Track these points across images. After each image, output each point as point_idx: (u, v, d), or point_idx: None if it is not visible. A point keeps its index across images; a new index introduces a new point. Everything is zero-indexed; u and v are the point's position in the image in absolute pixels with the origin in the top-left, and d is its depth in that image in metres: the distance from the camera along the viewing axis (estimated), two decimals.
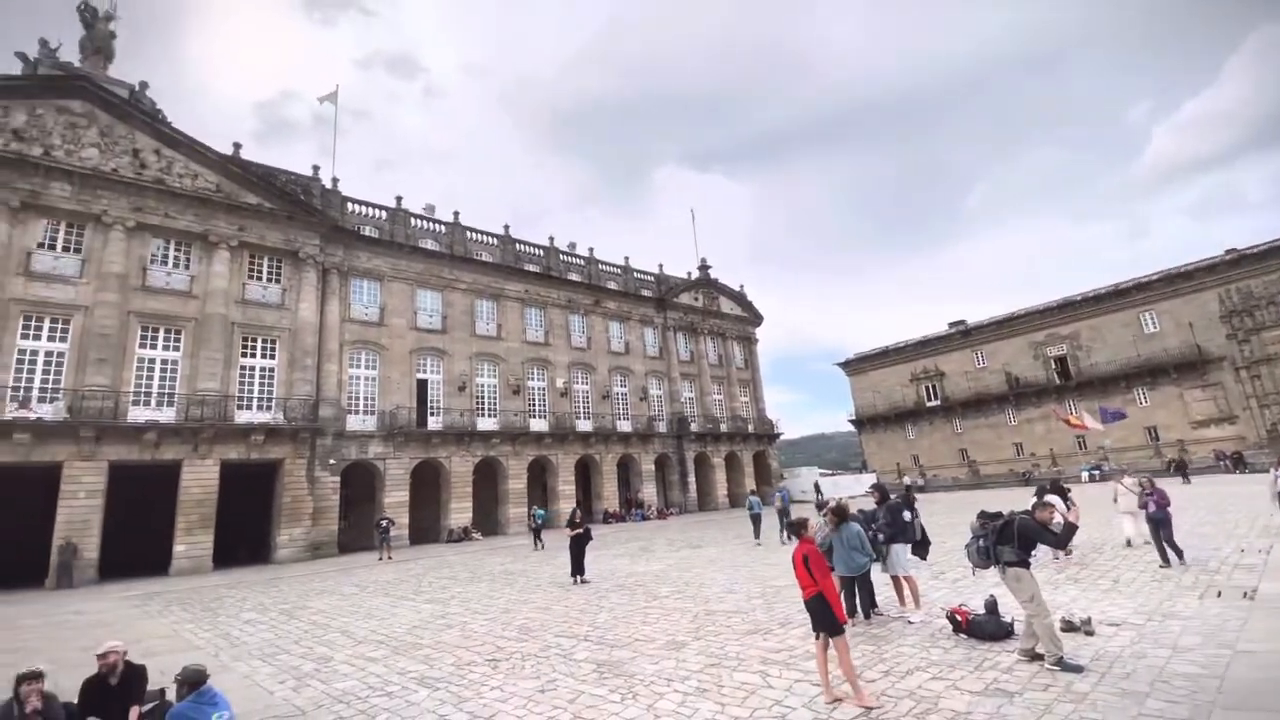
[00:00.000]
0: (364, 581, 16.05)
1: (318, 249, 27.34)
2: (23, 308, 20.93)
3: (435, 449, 29.56)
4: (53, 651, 9.39)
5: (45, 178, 21.89)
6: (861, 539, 7.87)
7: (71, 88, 23.04)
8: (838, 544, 7.78)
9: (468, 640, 8.74)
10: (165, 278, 23.72)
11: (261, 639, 9.79)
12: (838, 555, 7.77)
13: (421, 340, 30.82)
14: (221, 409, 23.26)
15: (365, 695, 6.56)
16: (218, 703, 4.65)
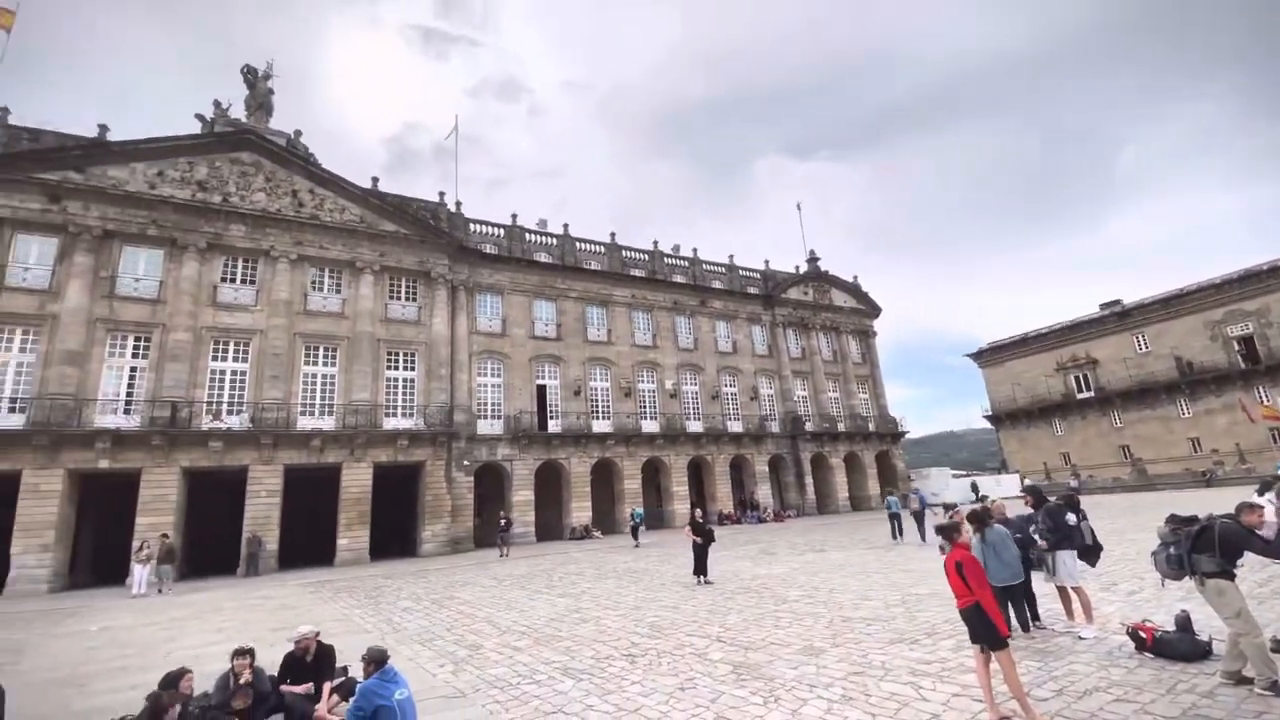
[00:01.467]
0: (500, 575, 17.11)
1: (446, 268, 29.64)
2: (213, 334, 24.53)
3: (555, 450, 30.92)
4: (250, 631, 10.88)
5: (225, 221, 25.53)
6: (1009, 543, 7.22)
7: (241, 141, 26.68)
8: (986, 552, 7.17)
9: (603, 635, 9.04)
10: (322, 302, 26.82)
11: (419, 625, 10.74)
12: (986, 564, 7.16)
13: (539, 348, 32.39)
14: (372, 417, 25.88)
15: (516, 682, 6.98)
16: (399, 681, 5.16)
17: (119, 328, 23.13)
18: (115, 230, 23.61)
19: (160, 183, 24.68)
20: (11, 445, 20.26)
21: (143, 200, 24.13)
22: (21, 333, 21.88)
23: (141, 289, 23.81)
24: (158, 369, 23.09)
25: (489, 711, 6.11)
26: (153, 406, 22.43)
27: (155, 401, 22.51)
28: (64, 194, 22.99)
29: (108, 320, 22.91)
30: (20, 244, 22.52)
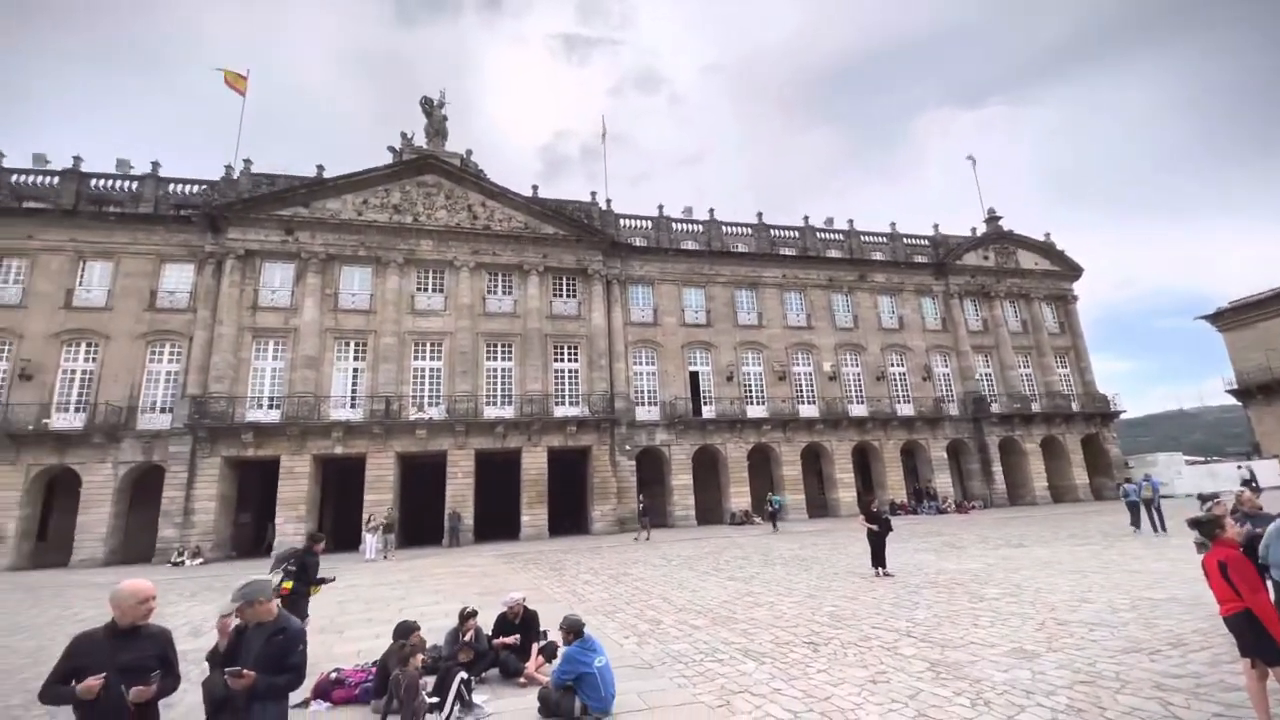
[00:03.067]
0: (669, 556, 17.67)
1: (601, 264, 31.08)
2: (413, 337, 28.14)
3: (711, 436, 31.11)
4: (461, 594, 12.36)
5: (416, 238, 29.08)
6: None
7: (424, 166, 30.12)
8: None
9: (779, 620, 8.94)
10: (497, 303, 29.58)
11: (600, 597, 11.47)
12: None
13: (690, 335, 32.72)
14: (544, 405, 28.10)
15: (698, 659, 7.16)
16: (597, 649, 5.55)
17: (343, 336, 27.49)
18: (335, 254, 28.01)
19: (365, 210, 28.79)
20: (271, 436, 25.07)
21: (353, 226, 28.34)
22: (274, 343, 26.89)
23: (357, 302, 28.04)
24: (373, 369, 27.10)
25: (676, 684, 6.33)
26: (371, 401, 26.39)
27: (373, 397, 26.47)
28: (296, 226, 27.76)
29: (334, 330, 27.34)
30: (267, 270, 27.63)
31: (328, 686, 6.12)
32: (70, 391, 24.88)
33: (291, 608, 6.51)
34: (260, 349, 26.66)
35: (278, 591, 6.72)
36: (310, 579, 7.73)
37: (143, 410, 25.17)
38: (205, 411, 24.48)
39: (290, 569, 7.54)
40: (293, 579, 7.42)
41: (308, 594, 7.71)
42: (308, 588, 7.69)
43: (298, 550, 8.12)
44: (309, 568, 7.77)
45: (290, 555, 7.90)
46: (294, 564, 7.65)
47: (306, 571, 7.70)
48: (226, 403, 25.00)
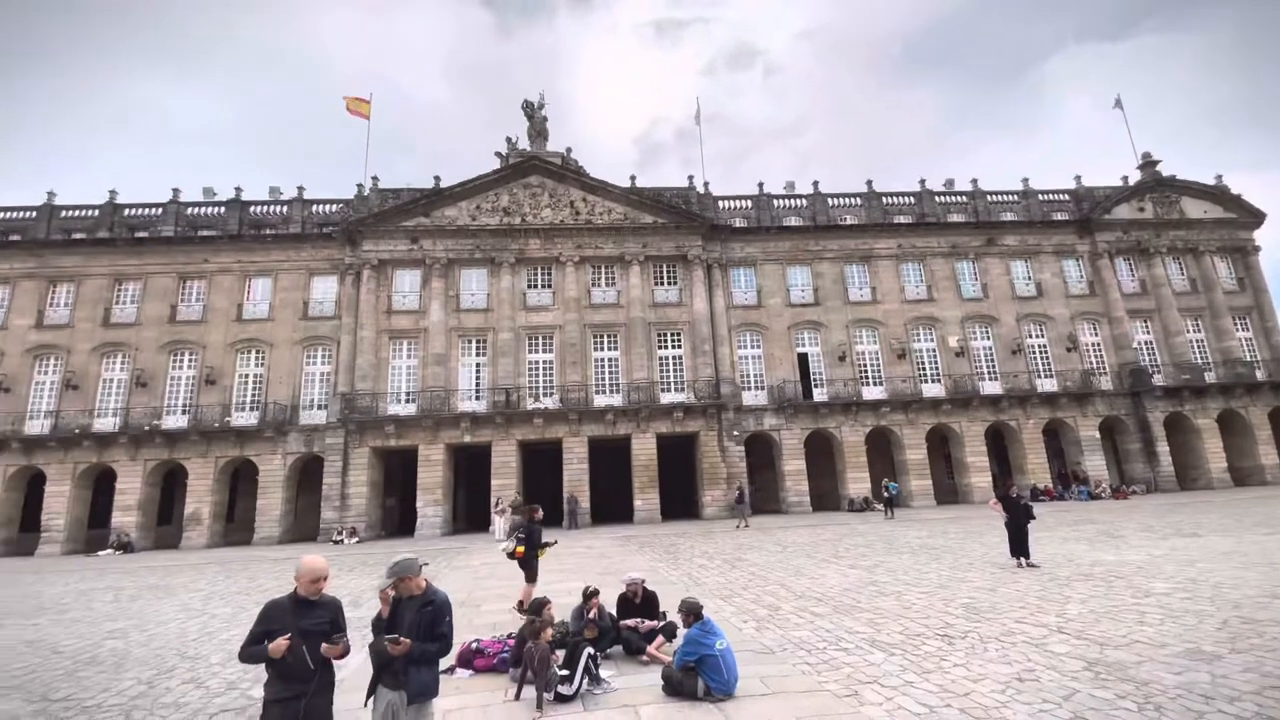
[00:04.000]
0: (785, 542, 17.37)
1: (700, 249, 30.86)
2: (526, 332, 29.62)
3: (824, 419, 30.01)
4: (582, 573, 12.91)
5: (525, 238, 30.45)
6: None
7: (529, 168, 31.39)
8: None
9: (908, 611, 8.51)
10: (602, 295, 30.37)
11: (716, 581, 11.52)
12: None
13: (797, 315, 31.65)
14: (650, 393, 28.56)
15: (822, 647, 6.99)
16: (718, 632, 5.59)
17: (465, 334, 29.51)
18: (454, 258, 30.05)
19: (479, 214, 30.59)
20: (409, 427, 27.51)
21: (469, 231, 30.22)
22: (407, 343, 29.42)
23: (475, 302, 29.95)
24: (493, 364, 28.88)
25: (800, 671, 6.23)
26: (493, 393, 28.18)
27: (494, 389, 28.24)
28: (420, 235, 30.07)
29: (458, 329, 29.42)
30: (397, 277, 30.19)
31: (469, 655, 6.67)
32: (245, 393, 28.82)
33: (524, 566, 9.48)
34: (396, 349, 29.29)
35: (512, 554, 9.56)
36: (536, 544, 9.51)
37: (303, 407, 28.62)
38: (353, 407, 27.38)
39: (520, 537, 9.62)
40: (523, 544, 9.40)
41: (536, 556, 9.49)
42: (536, 551, 9.47)
43: (524, 522, 10.13)
44: (534, 535, 9.57)
45: (520, 526, 10.11)
46: (523, 533, 9.68)
47: (532, 538, 9.50)
48: (370, 399, 27.77)
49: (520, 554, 9.38)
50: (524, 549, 9.37)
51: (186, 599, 12.73)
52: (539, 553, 9.54)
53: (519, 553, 9.39)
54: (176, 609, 11.59)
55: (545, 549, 9.74)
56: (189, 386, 28.65)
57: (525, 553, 9.36)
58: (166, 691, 6.58)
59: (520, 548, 9.40)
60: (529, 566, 9.42)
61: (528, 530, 9.62)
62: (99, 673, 7.39)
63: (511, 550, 9.59)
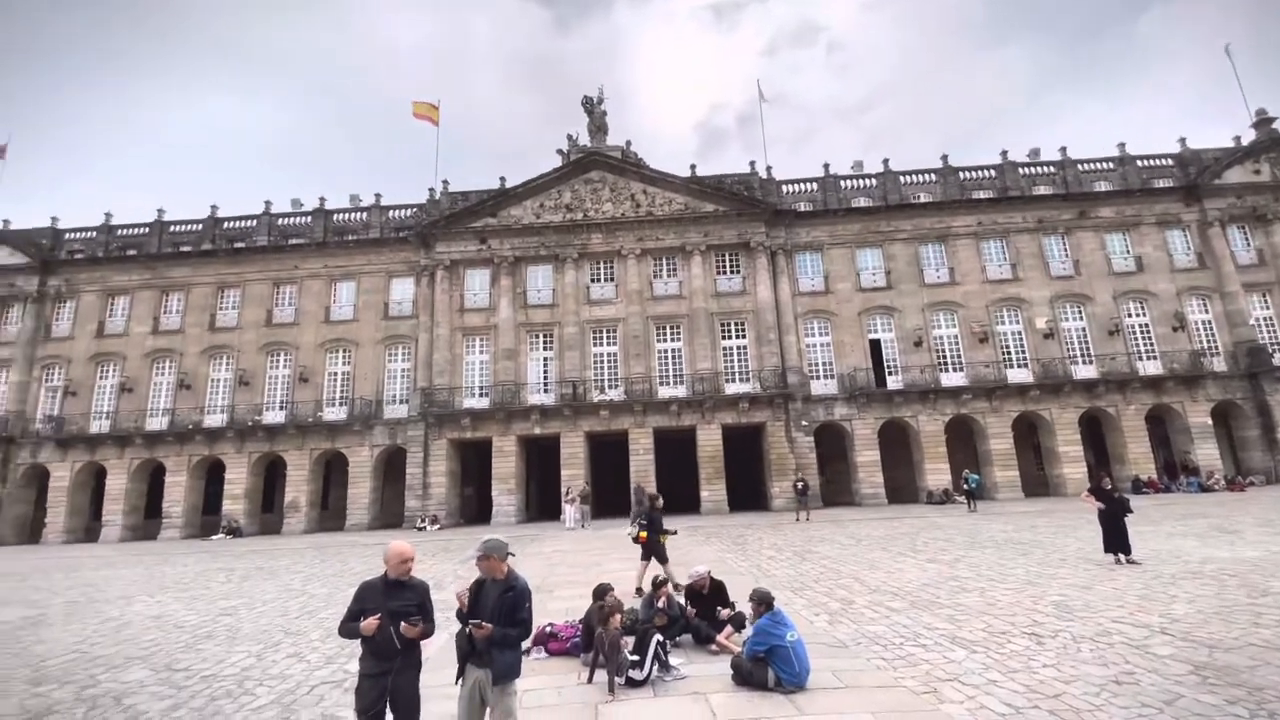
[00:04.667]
0: (859, 535, 16.90)
1: (764, 235, 30.26)
2: (590, 325, 30.07)
3: (899, 408, 28.85)
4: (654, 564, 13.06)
5: (587, 233, 30.85)
6: None
7: (589, 163, 31.73)
8: None
9: (992, 608, 8.11)
10: (664, 286, 30.38)
11: (786, 574, 11.38)
12: None
13: (868, 300, 30.51)
14: (715, 383, 28.39)
15: (899, 642, 6.79)
16: (788, 623, 5.54)
17: (532, 329, 30.32)
18: (521, 255, 30.87)
19: (543, 212, 31.25)
20: (483, 420, 28.61)
21: (533, 229, 30.94)
22: (479, 339, 30.53)
23: (541, 298, 30.68)
24: (560, 357, 29.55)
25: (875, 666, 6.08)
26: (560, 386, 28.86)
27: (561, 382, 28.91)
28: (488, 235, 31.06)
29: (525, 324, 30.26)
30: (468, 277, 31.33)
31: (544, 638, 6.92)
32: (335, 389, 30.83)
33: (650, 550, 10.11)
34: (469, 345, 30.48)
35: (636, 539, 10.36)
36: (659, 529, 10.17)
37: (387, 402, 30.32)
38: (432, 401, 28.75)
39: (642, 522, 10.30)
40: (646, 530, 10.11)
41: (659, 541, 10.11)
42: (659, 535, 10.14)
43: (646, 509, 10.79)
44: (655, 521, 10.20)
45: (642, 512, 10.83)
46: (645, 518, 10.34)
47: (654, 524, 10.16)
48: (447, 393, 29.07)
49: (644, 539, 10.09)
50: (646, 534, 10.08)
51: (288, 580, 13.84)
52: (661, 537, 10.15)
53: (642, 537, 10.11)
54: (279, 589, 12.62)
55: (667, 534, 10.33)
56: (285, 384, 30.96)
57: (648, 537, 10.05)
58: (273, 664, 7.20)
59: (643, 533, 10.14)
60: (655, 549, 10.05)
61: (649, 516, 10.30)
62: (215, 646, 8.18)
63: (635, 535, 10.38)
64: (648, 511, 10.55)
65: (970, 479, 23.50)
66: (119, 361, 31.80)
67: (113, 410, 30.93)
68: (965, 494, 23.42)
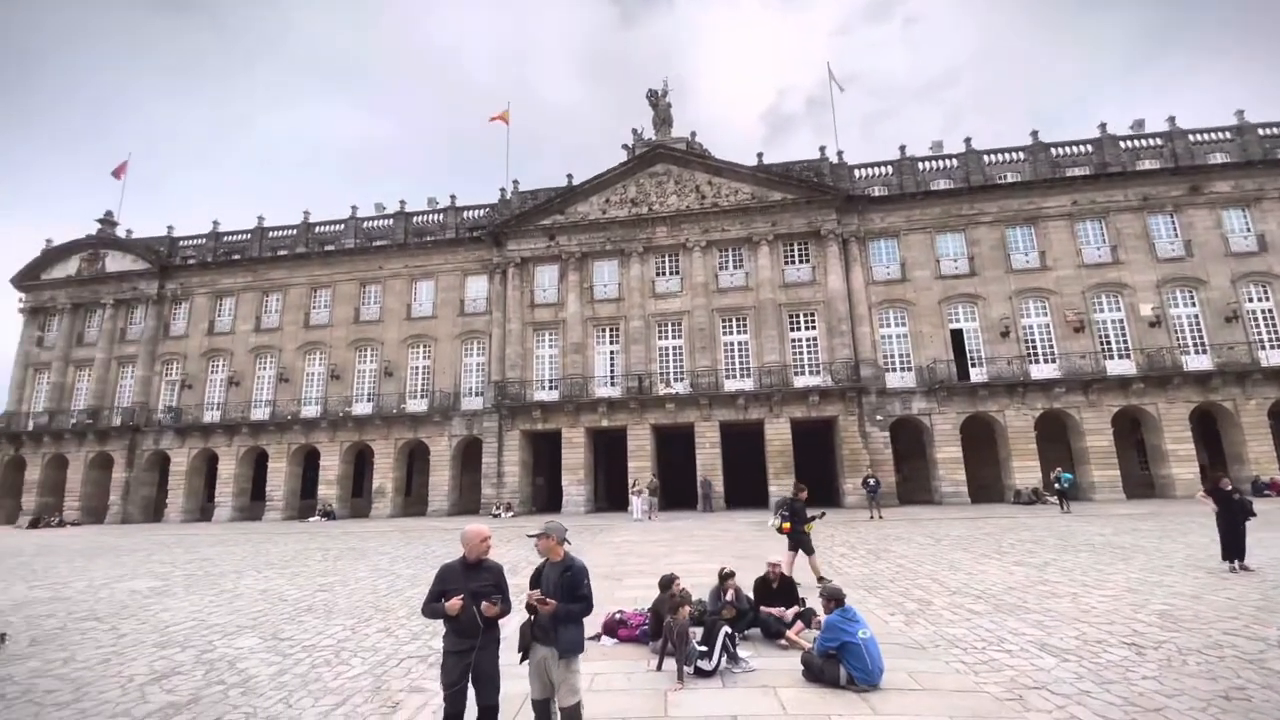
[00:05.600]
0: (936, 534, 16.20)
1: (835, 222, 29.30)
2: (656, 319, 30.18)
3: (983, 402, 27.30)
4: (718, 555, 13.03)
5: (652, 226, 30.93)
6: None
7: (654, 157, 31.73)
8: None
9: (1086, 615, 7.60)
10: (730, 278, 30.04)
11: (859, 572, 11.08)
12: None
13: (949, 288, 28.99)
14: (783, 376, 27.84)
15: (980, 646, 6.50)
16: (860, 621, 5.43)
17: (599, 323, 30.79)
18: (587, 251, 31.36)
19: (608, 207, 31.59)
20: (553, 412, 29.38)
21: (599, 224, 31.34)
22: (548, 334, 31.32)
23: (607, 292, 31.07)
24: (626, 351, 29.86)
25: (954, 669, 5.86)
26: (626, 379, 29.17)
27: (628, 375, 29.22)
28: (556, 232, 31.73)
29: (592, 318, 30.77)
30: (538, 273, 32.13)
31: (614, 625, 7.08)
32: (416, 382, 32.52)
33: (795, 540, 10.07)
34: (539, 339, 31.34)
35: (779, 529, 10.45)
36: (802, 519, 10.12)
37: (463, 394, 31.71)
38: (505, 393, 29.80)
39: (784, 514, 10.37)
40: (788, 520, 10.16)
41: (804, 531, 10.08)
42: (803, 526, 10.08)
43: (788, 499, 10.79)
44: (797, 511, 10.17)
45: (784, 503, 10.88)
46: (786, 509, 10.36)
47: (797, 515, 10.13)
48: (519, 386, 30.03)
49: (787, 529, 10.15)
50: (790, 524, 10.12)
51: (376, 561, 14.79)
52: (806, 527, 10.12)
53: (786, 528, 10.19)
54: (369, 569, 13.52)
55: (812, 523, 10.26)
56: (371, 378, 32.95)
57: (792, 527, 10.09)
58: (365, 638, 7.75)
59: (786, 524, 10.19)
60: (800, 539, 10.05)
61: (791, 507, 10.29)
62: (314, 618, 8.88)
63: (778, 526, 10.51)
64: (790, 502, 10.54)
65: (1063, 478, 21.94)
66: (227, 357, 34.85)
67: (222, 401, 33.97)
68: (1057, 494, 21.94)
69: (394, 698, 5.61)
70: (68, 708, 5.56)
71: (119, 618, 9.23)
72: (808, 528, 10.18)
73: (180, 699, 5.72)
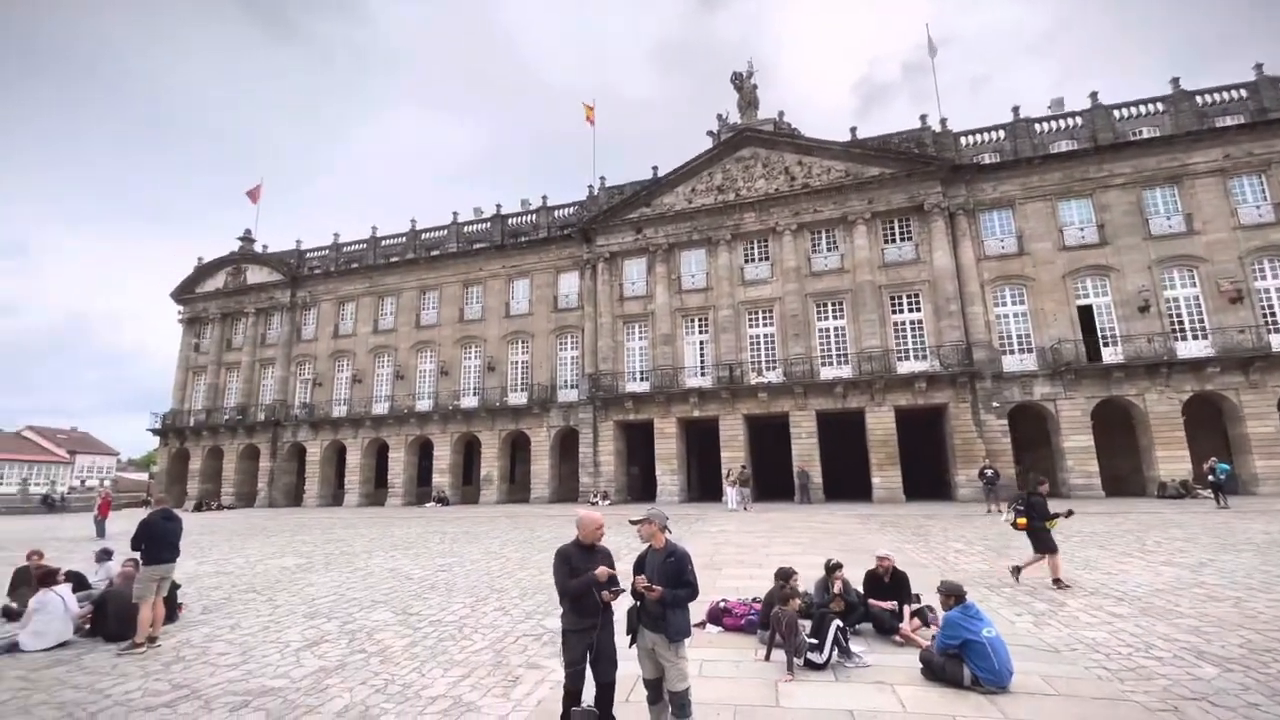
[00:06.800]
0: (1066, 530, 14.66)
1: (940, 195, 27.38)
2: (745, 307, 29.66)
3: (1118, 385, 24.61)
4: (820, 547, 12.72)
5: (739, 212, 30.38)
6: None
7: (740, 141, 31.08)
8: None
9: (1252, 621, 6.72)
10: (824, 261, 28.93)
11: (977, 569, 10.40)
12: None
13: (1075, 260, 26.31)
14: (885, 362, 26.49)
15: (1124, 652, 5.93)
16: (983, 619, 5.12)
17: (688, 313, 30.74)
18: (674, 242, 31.36)
19: (694, 196, 31.38)
20: (644, 403, 29.73)
21: (685, 214, 31.21)
22: (637, 326, 31.69)
23: (696, 282, 30.93)
24: (715, 340, 29.63)
25: (1094, 675, 5.39)
26: (717, 369, 28.95)
27: (718, 365, 28.99)
28: (643, 224, 31.96)
29: (681, 309, 30.77)
30: (626, 267, 32.50)
31: (718, 613, 7.12)
32: (516, 376, 34.08)
33: (1035, 539, 9.14)
34: (629, 332, 31.82)
35: (1014, 525, 9.53)
36: (1043, 515, 9.14)
37: (559, 387, 32.86)
38: (598, 385, 30.54)
39: (1019, 508, 9.49)
40: (1024, 515, 9.27)
41: (1044, 528, 9.07)
42: (1043, 523, 9.09)
43: (1024, 494, 9.79)
44: (1035, 507, 9.23)
45: (1018, 498, 9.93)
46: (1021, 504, 9.48)
47: (1034, 509, 9.21)
48: (611, 378, 30.67)
49: (1023, 525, 9.29)
50: (1025, 520, 9.24)
51: (488, 544, 15.71)
52: (1048, 524, 9.11)
53: (1021, 524, 9.33)
54: (482, 552, 14.38)
55: (1055, 520, 9.19)
56: (476, 373, 34.92)
57: (1029, 524, 9.21)
58: (484, 615, 8.28)
59: (1022, 519, 9.31)
60: (1038, 537, 9.11)
61: (1028, 501, 9.41)
62: (438, 596, 9.59)
63: (1013, 521, 9.60)
64: (1027, 495, 9.47)
65: (1219, 469, 19.35)
66: (350, 357, 38.19)
67: (347, 397, 37.29)
68: (1212, 487, 19.42)
69: (513, 672, 5.97)
70: (238, 668, 6.38)
71: (273, 590, 10.43)
72: (1050, 524, 9.02)
73: (329, 664, 6.39)
